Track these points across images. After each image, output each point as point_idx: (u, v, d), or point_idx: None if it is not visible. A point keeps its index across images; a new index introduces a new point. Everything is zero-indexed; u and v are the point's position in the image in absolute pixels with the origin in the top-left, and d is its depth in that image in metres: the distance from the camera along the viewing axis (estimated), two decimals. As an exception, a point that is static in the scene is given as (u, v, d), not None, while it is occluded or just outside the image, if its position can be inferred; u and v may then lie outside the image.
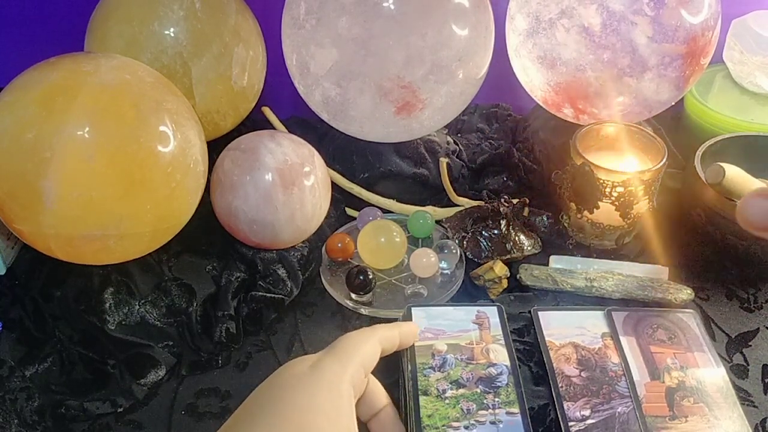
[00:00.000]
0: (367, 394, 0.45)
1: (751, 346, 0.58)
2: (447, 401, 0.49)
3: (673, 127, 0.81)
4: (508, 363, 0.52)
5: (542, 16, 0.65)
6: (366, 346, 0.44)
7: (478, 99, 0.72)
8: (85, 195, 0.49)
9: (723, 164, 0.60)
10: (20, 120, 0.49)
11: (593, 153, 0.65)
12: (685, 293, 0.60)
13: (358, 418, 0.42)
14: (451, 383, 0.50)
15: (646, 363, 0.54)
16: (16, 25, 0.81)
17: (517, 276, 0.63)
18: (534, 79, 0.70)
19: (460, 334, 0.54)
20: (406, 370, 0.51)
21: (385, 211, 0.70)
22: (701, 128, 0.77)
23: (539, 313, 0.58)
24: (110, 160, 0.49)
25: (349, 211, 0.72)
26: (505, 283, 0.62)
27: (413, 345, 0.52)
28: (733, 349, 0.58)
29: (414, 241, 0.67)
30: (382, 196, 0.72)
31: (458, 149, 0.78)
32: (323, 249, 0.65)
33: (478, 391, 0.50)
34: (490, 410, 0.48)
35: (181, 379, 0.56)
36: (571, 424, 0.49)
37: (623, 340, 0.55)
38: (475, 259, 0.65)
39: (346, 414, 0.39)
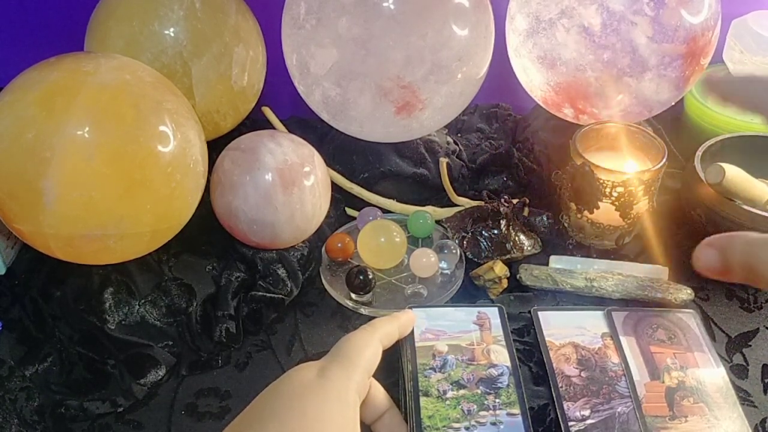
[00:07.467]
0: (370, 398, 0.45)
1: (750, 346, 0.58)
2: (448, 402, 0.49)
3: (673, 127, 0.81)
4: (508, 364, 0.52)
5: (542, 16, 0.65)
6: (369, 350, 0.44)
7: (478, 99, 0.72)
8: (85, 195, 0.49)
9: (723, 164, 0.60)
10: (20, 120, 0.49)
11: (593, 153, 0.65)
12: (685, 293, 0.60)
13: (361, 422, 0.43)
14: (451, 384, 0.50)
15: (646, 363, 0.54)
16: (16, 25, 0.81)
17: (517, 276, 0.63)
18: (534, 79, 0.70)
19: (460, 335, 0.54)
20: (406, 371, 0.51)
21: (385, 211, 0.70)
22: (701, 128, 0.77)
23: (539, 313, 0.58)
24: (110, 160, 0.49)
25: (349, 211, 0.72)
26: (505, 283, 0.62)
27: (414, 345, 0.52)
28: (733, 349, 0.58)
29: (414, 241, 0.67)
30: (382, 196, 0.72)
31: (458, 149, 0.78)
32: (323, 249, 0.65)
33: (479, 392, 0.50)
34: (491, 411, 0.48)
35: (181, 379, 0.56)
36: (571, 424, 0.49)
37: (623, 340, 0.55)
38: (475, 259, 0.65)
39: (352, 421, 0.40)
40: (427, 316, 0.55)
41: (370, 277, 0.60)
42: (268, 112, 0.79)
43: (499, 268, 0.61)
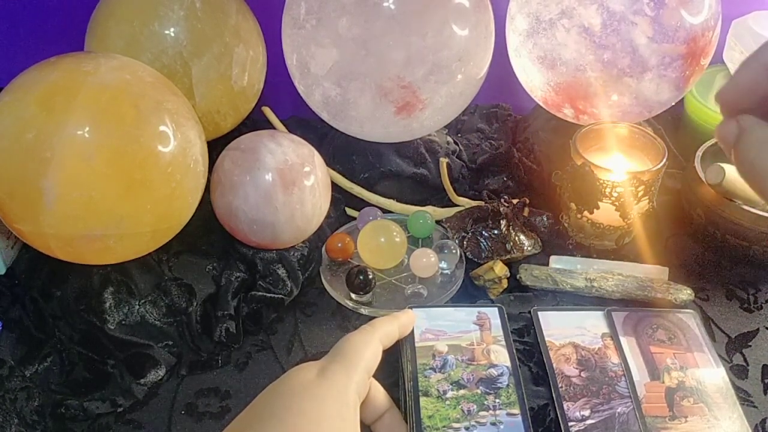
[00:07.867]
0: (370, 398, 0.45)
1: (750, 346, 0.58)
2: (448, 402, 0.49)
3: (673, 128, 0.81)
4: (508, 364, 0.52)
5: (542, 16, 0.65)
6: (369, 350, 0.44)
7: (479, 99, 0.72)
8: (85, 195, 0.49)
9: (723, 164, 0.60)
10: (20, 120, 0.49)
11: (593, 153, 0.65)
12: (685, 293, 0.60)
13: (361, 422, 0.43)
14: (451, 384, 0.50)
15: (646, 363, 0.54)
16: (16, 25, 0.81)
17: (517, 276, 0.63)
18: (534, 79, 0.70)
19: (460, 335, 0.54)
20: (406, 371, 0.51)
21: (385, 211, 0.70)
22: (701, 128, 0.77)
23: (539, 313, 0.58)
24: (110, 160, 0.49)
25: (349, 211, 0.72)
26: (505, 284, 0.62)
27: (414, 346, 0.52)
28: (733, 349, 0.58)
29: (414, 241, 0.67)
30: (382, 196, 0.72)
31: (458, 149, 0.78)
32: (323, 249, 0.65)
33: (479, 392, 0.50)
34: (491, 411, 0.48)
35: (181, 379, 0.56)
36: (570, 424, 0.49)
37: (623, 340, 0.55)
38: (475, 259, 0.65)
39: (352, 422, 0.40)
40: (427, 316, 0.55)
41: (370, 277, 0.60)
42: (268, 112, 0.79)
43: (499, 268, 0.61)
